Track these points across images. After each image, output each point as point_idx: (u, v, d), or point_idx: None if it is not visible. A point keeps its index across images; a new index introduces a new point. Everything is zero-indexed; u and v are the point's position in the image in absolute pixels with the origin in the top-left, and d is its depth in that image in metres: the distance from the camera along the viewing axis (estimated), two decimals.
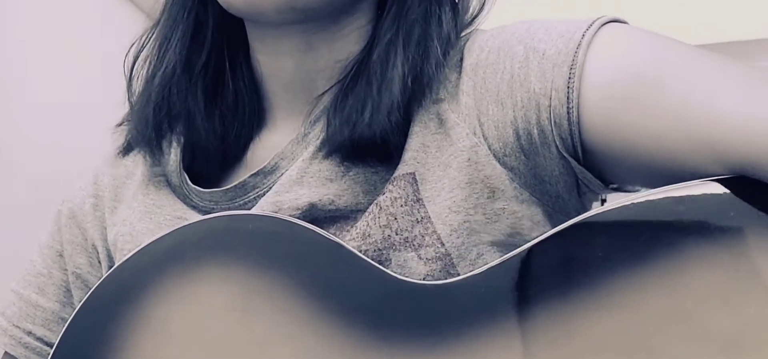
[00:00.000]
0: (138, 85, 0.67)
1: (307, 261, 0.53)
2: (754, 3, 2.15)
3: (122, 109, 0.69)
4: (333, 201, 0.57)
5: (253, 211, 0.59)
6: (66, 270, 0.69)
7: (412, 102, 0.57)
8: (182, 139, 0.65)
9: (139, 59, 0.67)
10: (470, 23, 0.62)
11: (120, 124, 0.69)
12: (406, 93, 0.56)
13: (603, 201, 0.60)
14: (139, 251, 0.56)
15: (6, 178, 1.44)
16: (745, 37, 2.17)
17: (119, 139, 0.68)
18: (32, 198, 1.49)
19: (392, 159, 0.57)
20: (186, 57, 0.64)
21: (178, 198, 0.64)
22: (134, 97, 0.67)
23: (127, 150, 0.67)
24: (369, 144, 0.56)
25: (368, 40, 0.61)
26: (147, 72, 0.66)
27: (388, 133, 0.56)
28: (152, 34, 0.67)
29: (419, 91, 0.57)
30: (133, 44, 0.68)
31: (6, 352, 0.70)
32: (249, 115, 0.65)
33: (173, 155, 0.65)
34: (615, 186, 0.57)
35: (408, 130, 0.57)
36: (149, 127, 0.64)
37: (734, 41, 2.15)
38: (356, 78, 0.59)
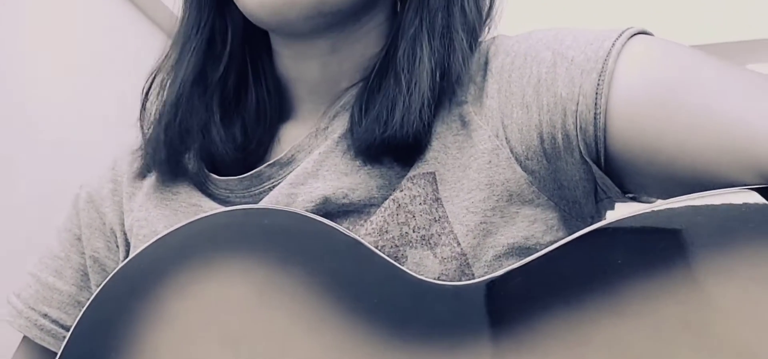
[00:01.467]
0: (154, 109, 0.66)
1: (324, 257, 0.53)
2: (751, 3, 2.13)
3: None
4: (347, 194, 0.57)
5: (266, 203, 0.59)
6: (83, 253, 0.69)
7: (441, 99, 0.57)
8: (199, 146, 0.64)
9: (155, 84, 0.66)
10: (489, 12, 0.62)
11: (136, 151, 0.69)
12: (436, 90, 0.56)
13: None
14: (155, 242, 0.55)
15: (10, 177, 1.44)
16: (743, 37, 2.16)
17: (135, 163, 0.68)
18: (36, 197, 1.50)
19: (414, 156, 0.57)
20: (200, 70, 0.63)
21: (194, 185, 0.64)
22: (148, 122, 0.66)
23: (142, 174, 0.67)
24: (401, 144, 0.56)
25: (390, 36, 0.61)
26: (161, 96, 0.65)
27: (421, 132, 0.56)
28: (170, 56, 0.66)
29: (448, 88, 0.57)
30: (153, 74, 0.66)
31: (25, 337, 0.70)
32: (271, 120, 0.65)
33: (192, 156, 0.64)
34: (632, 195, 0.57)
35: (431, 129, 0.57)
36: (161, 145, 0.63)
37: (733, 41, 2.14)
38: (381, 74, 0.59)
